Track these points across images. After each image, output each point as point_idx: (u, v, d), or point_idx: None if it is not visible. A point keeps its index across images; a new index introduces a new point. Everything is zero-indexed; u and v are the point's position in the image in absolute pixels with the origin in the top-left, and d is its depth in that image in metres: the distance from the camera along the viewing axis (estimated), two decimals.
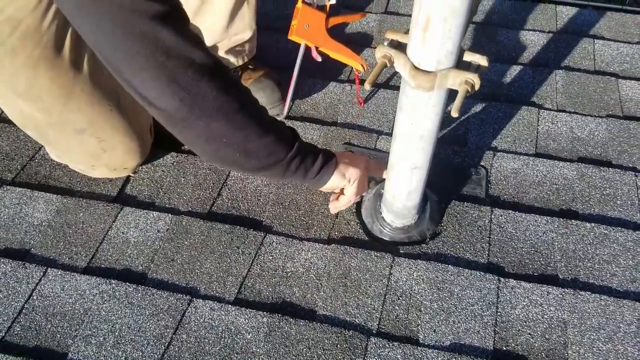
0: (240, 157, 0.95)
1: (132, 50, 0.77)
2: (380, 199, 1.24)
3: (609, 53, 1.76)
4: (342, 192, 1.20)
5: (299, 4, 1.41)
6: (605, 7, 2.07)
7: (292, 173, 1.04)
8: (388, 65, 0.91)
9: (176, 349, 1.05)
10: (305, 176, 1.07)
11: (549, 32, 1.85)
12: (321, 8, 1.43)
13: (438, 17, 0.78)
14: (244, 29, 1.49)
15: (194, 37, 0.84)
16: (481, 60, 0.88)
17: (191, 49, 0.82)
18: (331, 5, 1.43)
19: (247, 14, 1.49)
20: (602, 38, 1.83)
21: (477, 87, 0.86)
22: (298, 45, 1.47)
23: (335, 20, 1.46)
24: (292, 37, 1.43)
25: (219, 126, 0.89)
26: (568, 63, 1.74)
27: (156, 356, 1.04)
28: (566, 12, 1.94)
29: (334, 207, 1.23)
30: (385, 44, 0.92)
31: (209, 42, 1.47)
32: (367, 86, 0.90)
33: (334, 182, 1.13)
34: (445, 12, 0.77)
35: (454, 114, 0.85)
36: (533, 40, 1.81)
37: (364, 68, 1.50)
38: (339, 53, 1.48)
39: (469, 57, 0.89)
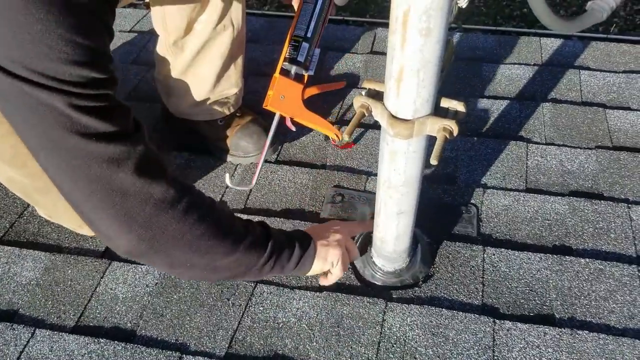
0: (209, 273, 0.93)
1: (87, 190, 0.77)
2: (371, 244, 1.23)
3: (595, 83, 1.77)
4: (329, 271, 1.15)
5: (277, 74, 1.39)
6: (590, 37, 2.09)
7: (268, 271, 0.99)
8: (366, 114, 0.91)
9: None
10: (283, 271, 1.03)
11: (534, 64, 1.87)
12: (298, 78, 1.41)
13: (410, 69, 0.79)
14: (230, 87, 1.51)
15: (154, 170, 0.82)
16: (458, 106, 0.89)
17: (149, 186, 0.80)
18: (309, 76, 1.42)
19: (233, 75, 1.51)
20: (588, 68, 1.84)
21: (455, 133, 0.86)
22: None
23: (311, 91, 1.44)
24: (268, 107, 1.41)
25: (181, 254, 0.87)
26: (555, 95, 1.74)
27: None
28: (550, 44, 1.96)
29: (325, 282, 1.19)
30: (363, 93, 0.92)
31: (195, 97, 1.49)
32: (346, 137, 0.90)
33: (316, 268, 1.09)
34: (417, 64, 0.78)
35: (433, 162, 0.84)
36: (518, 73, 1.82)
37: (338, 137, 1.50)
38: (314, 124, 1.48)
39: (446, 103, 0.89)
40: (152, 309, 1.19)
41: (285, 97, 1.39)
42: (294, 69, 1.39)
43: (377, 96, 0.91)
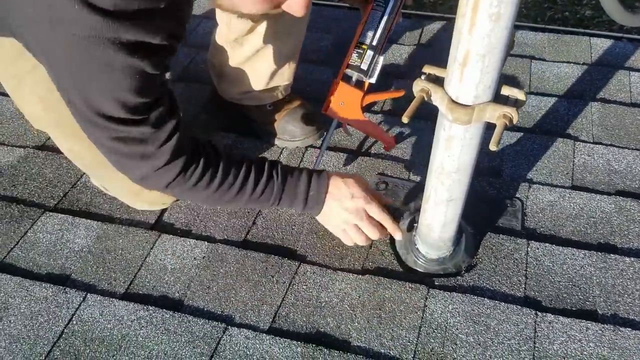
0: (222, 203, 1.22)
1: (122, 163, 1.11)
2: (415, 230, 1.24)
3: None
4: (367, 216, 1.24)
5: (338, 80, 1.37)
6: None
7: (280, 192, 1.20)
8: (426, 98, 0.92)
9: None
10: (296, 194, 1.20)
11: (583, 64, 1.85)
12: (359, 84, 1.38)
13: (476, 54, 0.80)
14: (282, 82, 1.54)
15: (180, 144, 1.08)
16: (519, 94, 0.89)
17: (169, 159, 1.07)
18: (370, 84, 1.38)
19: (287, 72, 1.53)
20: (638, 70, 1.82)
21: (515, 121, 0.87)
22: (330, 76, 1.48)
23: (371, 98, 1.41)
24: (327, 113, 1.40)
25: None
26: (603, 95, 1.73)
27: None
28: (601, 44, 1.94)
29: (361, 239, 1.26)
30: (423, 77, 0.94)
31: (247, 87, 1.54)
32: (405, 119, 0.91)
33: (334, 202, 1.22)
34: (483, 49, 0.79)
35: (493, 147, 0.85)
36: (567, 72, 1.81)
37: (388, 148, 1.51)
38: (370, 132, 1.48)
39: (506, 91, 0.90)
40: (199, 281, 1.22)
41: (344, 104, 1.38)
42: (355, 76, 1.37)
43: (437, 81, 0.92)
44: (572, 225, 1.32)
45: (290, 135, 1.57)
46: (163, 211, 1.39)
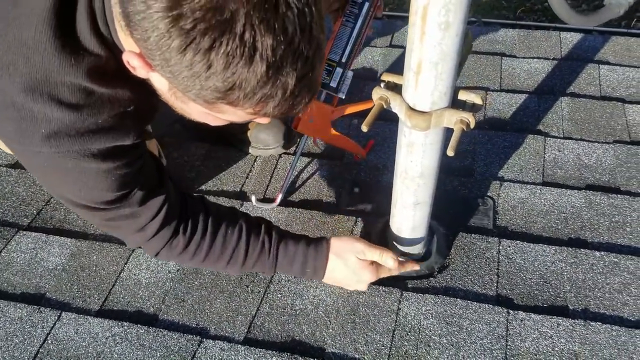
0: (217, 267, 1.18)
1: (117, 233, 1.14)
2: (388, 234, 1.25)
3: (615, 78, 1.76)
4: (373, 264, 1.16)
5: None
6: (611, 31, 2.08)
7: (274, 257, 1.14)
8: (385, 106, 0.93)
9: None
10: (292, 263, 1.15)
11: (553, 59, 1.87)
12: (328, 98, 1.37)
13: (429, 62, 0.81)
14: None
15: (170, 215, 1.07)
16: (476, 98, 0.90)
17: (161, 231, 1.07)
18: (340, 99, 1.37)
19: None
20: (608, 63, 1.84)
21: (472, 125, 0.88)
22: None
23: (340, 112, 1.41)
24: (297, 129, 1.39)
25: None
26: (573, 89, 1.74)
27: None
28: (570, 39, 1.95)
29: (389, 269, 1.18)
30: (382, 85, 0.94)
31: None
32: (365, 128, 0.92)
33: (334, 269, 1.15)
34: (436, 57, 0.80)
35: (450, 153, 0.86)
36: (537, 67, 1.83)
37: (360, 158, 1.52)
38: (341, 145, 1.48)
39: (464, 95, 0.91)
40: (173, 295, 1.23)
41: (314, 120, 1.37)
42: (324, 93, 1.36)
43: (396, 88, 0.93)
44: (543, 222, 1.33)
45: (263, 144, 1.58)
46: None
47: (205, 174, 1.52)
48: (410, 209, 1.09)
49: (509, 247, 1.27)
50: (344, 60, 1.32)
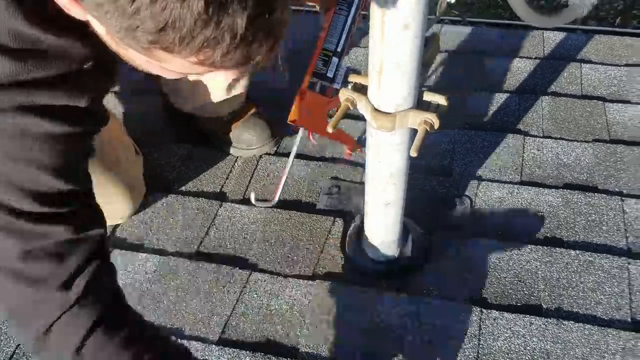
0: None
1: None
2: (363, 234, 1.26)
3: (596, 77, 1.77)
4: None
5: (304, 87, 1.31)
6: (594, 29, 2.08)
7: None
8: (351, 107, 0.94)
9: None
10: None
11: (535, 58, 1.87)
12: (322, 90, 1.33)
13: (390, 62, 0.81)
14: (239, 89, 1.52)
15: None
16: (440, 99, 0.91)
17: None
18: (334, 89, 1.33)
19: (243, 81, 1.51)
20: (590, 62, 1.84)
21: (436, 126, 0.88)
22: (286, 84, 1.46)
23: (335, 103, 1.31)
24: (295, 122, 1.34)
25: None
26: (554, 88, 1.75)
27: None
28: (553, 37, 1.96)
29: None
30: (349, 86, 0.95)
31: (203, 100, 1.51)
32: (330, 129, 0.92)
33: None
34: (396, 57, 0.80)
35: (413, 154, 0.87)
36: (520, 67, 1.83)
37: (352, 150, 1.48)
38: (337, 138, 1.45)
39: (428, 97, 0.91)
40: (150, 296, 1.23)
41: (311, 112, 1.32)
42: (319, 84, 1.33)
43: (362, 90, 0.93)
44: (520, 221, 1.34)
45: (246, 144, 1.58)
46: (116, 226, 1.39)
47: (185, 175, 1.52)
48: (381, 209, 1.09)
49: (485, 246, 1.28)
50: (339, 49, 1.31)
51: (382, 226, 1.14)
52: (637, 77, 1.74)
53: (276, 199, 1.40)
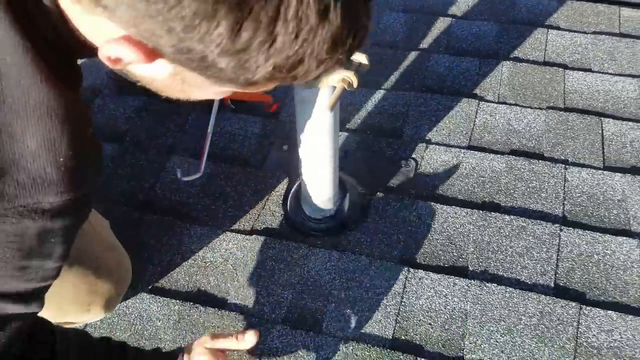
0: None
1: None
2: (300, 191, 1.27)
3: (562, 43, 1.75)
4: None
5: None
6: None
7: None
8: None
9: None
10: None
11: (503, 22, 1.85)
12: None
13: None
14: None
15: None
16: (362, 58, 0.90)
17: None
18: None
19: None
20: (558, 28, 1.82)
21: (355, 84, 0.88)
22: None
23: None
24: None
25: None
26: (517, 54, 1.73)
27: None
28: (525, 2, 1.93)
29: None
30: None
31: None
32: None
33: None
34: None
35: (328, 110, 0.87)
36: (485, 30, 1.81)
37: (267, 107, 1.56)
38: (250, 97, 1.51)
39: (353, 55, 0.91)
40: None
41: None
42: None
43: None
44: (461, 185, 1.35)
45: None
46: None
47: (139, 127, 1.53)
48: (313, 167, 1.10)
49: (423, 208, 1.29)
50: None
51: (316, 183, 1.15)
52: (601, 45, 1.73)
53: (201, 171, 1.37)
